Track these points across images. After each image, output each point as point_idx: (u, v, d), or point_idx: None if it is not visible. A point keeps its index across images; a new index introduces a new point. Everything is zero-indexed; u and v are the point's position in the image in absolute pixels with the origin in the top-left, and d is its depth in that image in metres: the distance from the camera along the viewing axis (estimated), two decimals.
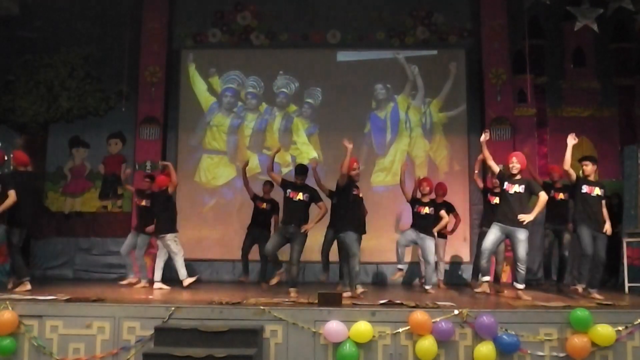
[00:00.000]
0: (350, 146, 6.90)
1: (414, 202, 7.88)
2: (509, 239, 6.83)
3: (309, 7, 10.16)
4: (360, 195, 7.17)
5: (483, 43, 9.94)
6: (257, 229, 8.49)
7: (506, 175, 6.83)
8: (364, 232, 7.16)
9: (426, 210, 7.77)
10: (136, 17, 9.95)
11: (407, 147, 10.06)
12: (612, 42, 9.98)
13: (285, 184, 7.25)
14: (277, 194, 7.96)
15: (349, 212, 6.97)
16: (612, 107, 9.96)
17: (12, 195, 6.81)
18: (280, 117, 10.29)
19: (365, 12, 10.18)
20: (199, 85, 10.36)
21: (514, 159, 6.77)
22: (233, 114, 10.31)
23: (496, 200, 7.51)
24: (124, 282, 8.35)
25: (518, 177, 6.75)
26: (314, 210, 7.21)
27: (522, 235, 6.59)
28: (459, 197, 9.46)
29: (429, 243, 7.69)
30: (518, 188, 6.65)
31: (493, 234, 6.75)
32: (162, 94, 10.02)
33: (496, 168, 6.96)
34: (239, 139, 10.21)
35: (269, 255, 7.27)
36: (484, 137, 6.99)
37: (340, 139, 7.07)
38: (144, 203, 8.35)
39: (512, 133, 9.64)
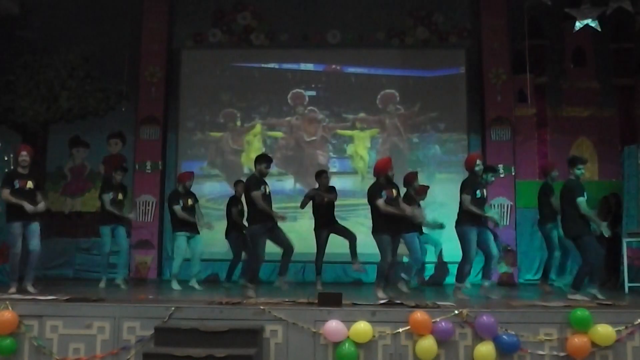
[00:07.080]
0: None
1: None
2: (481, 238, 6.85)
3: (309, 7, 10.16)
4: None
5: (483, 43, 9.95)
6: (236, 231, 8.37)
7: (478, 182, 6.99)
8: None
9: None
10: (136, 17, 9.95)
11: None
12: (612, 42, 9.97)
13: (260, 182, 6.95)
14: None
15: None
16: (612, 107, 9.95)
17: None
18: None
19: (365, 12, 10.18)
20: (199, 85, 10.35)
21: (479, 161, 6.98)
22: None
23: None
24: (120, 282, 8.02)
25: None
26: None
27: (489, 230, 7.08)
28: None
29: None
30: (485, 192, 7.04)
31: (475, 241, 6.78)
32: (162, 94, 10.02)
33: None
34: None
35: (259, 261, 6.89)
36: None
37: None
38: (120, 197, 8.13)
39: (512, 133, 9.64)
